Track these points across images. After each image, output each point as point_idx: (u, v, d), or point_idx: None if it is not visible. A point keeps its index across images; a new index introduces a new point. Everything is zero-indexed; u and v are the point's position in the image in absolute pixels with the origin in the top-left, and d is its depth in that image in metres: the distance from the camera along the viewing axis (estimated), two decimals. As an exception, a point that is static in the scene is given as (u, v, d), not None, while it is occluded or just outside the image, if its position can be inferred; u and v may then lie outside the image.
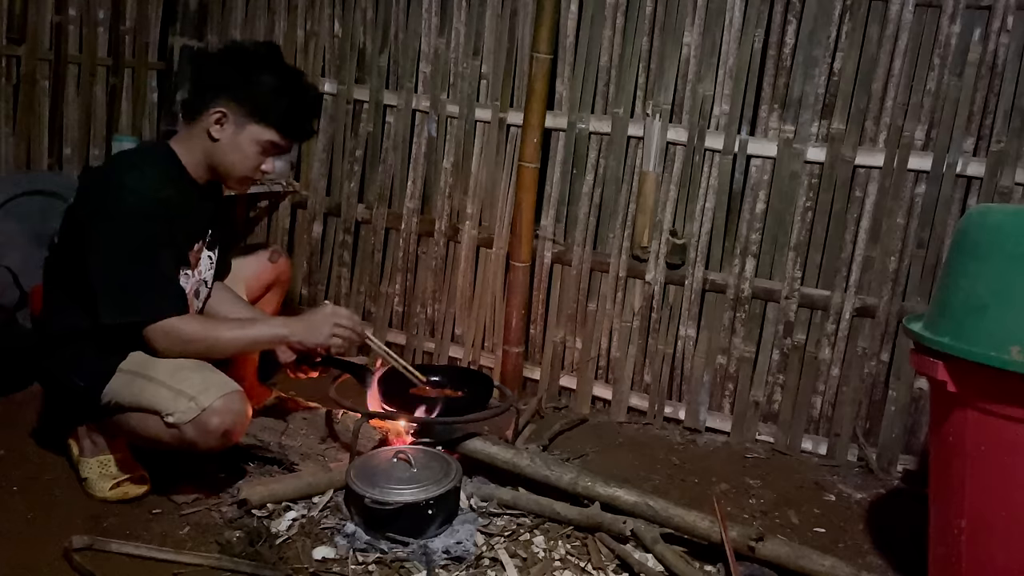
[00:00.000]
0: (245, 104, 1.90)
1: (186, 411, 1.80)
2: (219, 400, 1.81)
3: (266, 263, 2.42)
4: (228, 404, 1.83)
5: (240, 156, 1.94)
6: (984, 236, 1.62)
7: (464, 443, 2.17)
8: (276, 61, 1.98)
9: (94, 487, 1.98)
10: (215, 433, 1.81)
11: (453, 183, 2.97)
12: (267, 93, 1.91)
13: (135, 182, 1.83)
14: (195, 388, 1.82)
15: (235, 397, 1.85)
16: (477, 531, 1.93)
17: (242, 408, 1.87)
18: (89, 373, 1.91)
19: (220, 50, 2.06)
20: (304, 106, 1.99)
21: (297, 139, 2.03)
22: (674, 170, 2.68)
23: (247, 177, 2.00)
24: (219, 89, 1.91)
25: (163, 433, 1.84)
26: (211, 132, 1.91)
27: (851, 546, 2.11)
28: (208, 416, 1.80)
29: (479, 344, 3.00)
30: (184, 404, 1.80)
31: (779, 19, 2.52)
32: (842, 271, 2.56)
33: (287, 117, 1.94)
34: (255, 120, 1.91)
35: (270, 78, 1.92)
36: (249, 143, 1.93)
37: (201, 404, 1.80)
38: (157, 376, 1.85)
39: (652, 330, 2.78)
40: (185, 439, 1.82)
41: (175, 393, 1.81)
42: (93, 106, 2.97)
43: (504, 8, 2.82)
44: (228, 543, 1.80)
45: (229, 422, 1.82)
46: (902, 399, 2.52)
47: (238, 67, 1.92)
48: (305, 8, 3.12)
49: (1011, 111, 2.33)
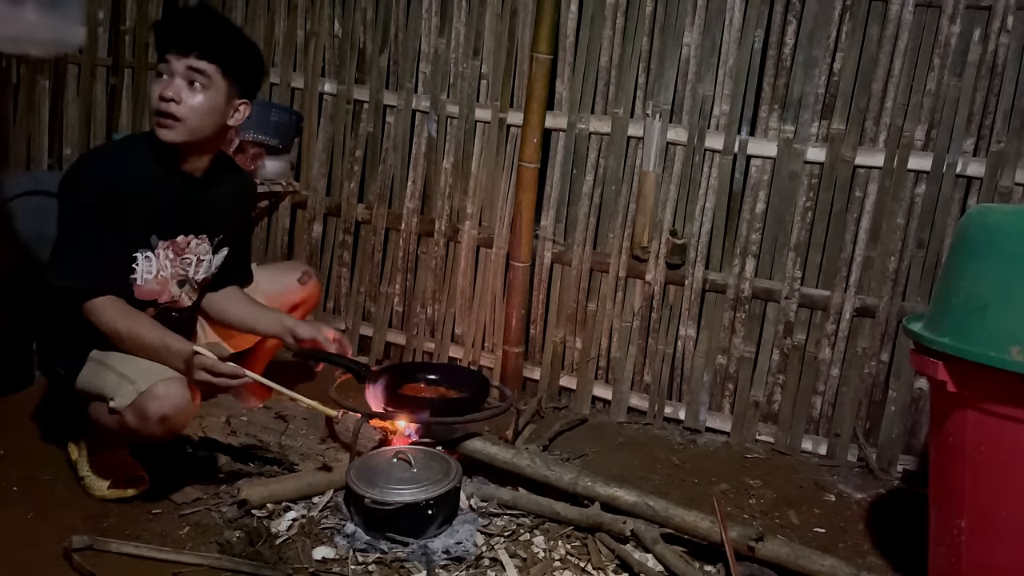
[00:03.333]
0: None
1: (125, 395, 1.78)
2: (159, 384, 1.77)
3: (294, 284, 2.39)
4: (166, 389, 1.78)
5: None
6: (984, 236, 1.62)
7: (464, 443, 2.17)
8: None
9: (92, 486, 1.98)
10: (153, 419, 1.77)
11: (453, 183, 2.97)
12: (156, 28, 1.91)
13: (98, 160, 1.89)
14: (137, 373, 1.80)
15: (176, 383, 1.80)
16: (477, 531, 1.93)
17: (180, 394, 1.80)
18: (68, 361, 1.93)
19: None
20: (171, 18, 1.95)
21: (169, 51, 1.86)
22: (674, 170, 2.68)
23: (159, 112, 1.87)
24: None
25: (108, 420, 1.83)
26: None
27: (851, 546, 2.11)
28: (145, 400, 1.76)
29: (479, 344, 3.00)
30: (125, 388, 1.78)
31: (779, 19, 2.52)
32: (842, 271, 2.56)
33: (160, 35, 1.89)
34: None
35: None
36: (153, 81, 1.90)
37: (139, 388, 1.77)
38: (110, 362, 1.85)
39: (652, 330, 2.78)
40: (127, 425, 1.80)
41: (120, 377, 1.81)
42: (93, 106, 2.96)
43: (504, 8, 2.82)
44: (228, 543, 1.80)
45: (168, 407, 1.77)
46: (902, 399, 2.52)
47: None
48: (305, 8, 3.12)
49: (1011, 111, 2.33)
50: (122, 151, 1.96)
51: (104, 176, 1.85)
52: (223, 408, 2.29)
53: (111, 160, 1.90)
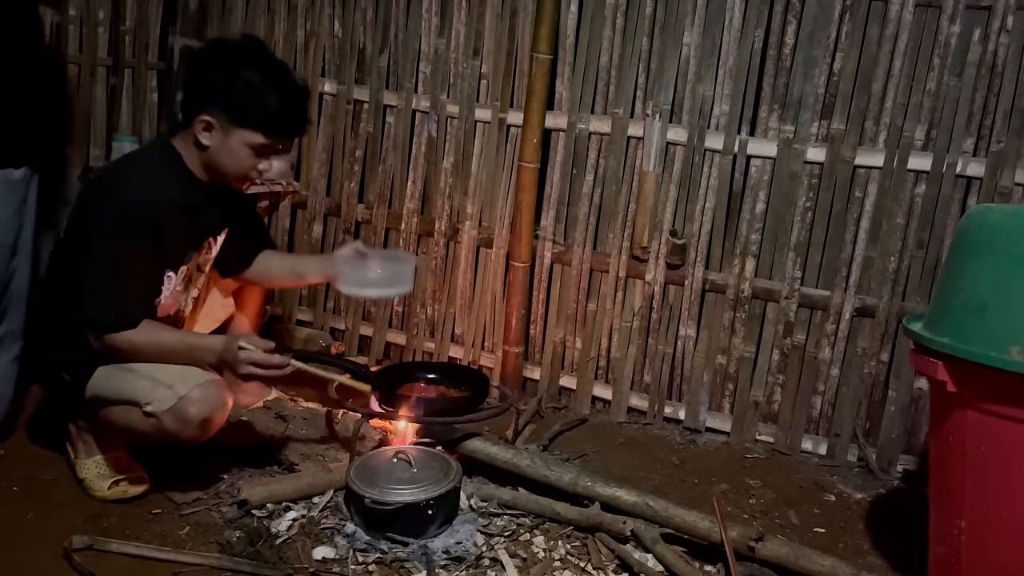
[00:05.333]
0: (228, 110, 1.85)
1: (164, 400, 1.81)
2: (197, 389, 1.82)
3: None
4: (206, 393, 1.83)
5: (232, 160, 1.90)
6: (984, 236, 1.62)
7: (464, 443, 2.17)
8: (257, 58, 1.90)
9: (92, 487, 1.98)
10: (193, 422, 1.82)
11: (453, 183, 2.97)
12: (249, 96, 1.84)
13: (130, 188, 1.86)
14: (173, 378, 1.84)
15: (213, 386, 1.86)
16: (477, 531, 1.93)
17: (220, 397, 1.86)
18: (75, 367, 1.93)
19: (202, 51, 2.02)
20: (289, 104, 1.90)
21: (285, 138, 1.95)
22: (674, 170, 2.68)
23: (245, 177, 1.97)
24: (202, 96, 1.88)
25: (143, 424, 1.85)
26: (200, 139, 1.89)
27: (851, 546, 2.12)
28: (185, 404, 1.81)
29: (479, 344, 3.00)
30: (162, 393, 1.81)
31: (779, 19, 2.52)
32: (842, 271, 2.56)
33: (271, 118, 1.87)
34: (240, 125, 1.86)
35: (251, 79, 1.84)
36: (239, 146, 1.88)
37: (178, 392, 1.81)
38: (137, 368, 1.87)
39: (652, 330, 2.78)
40: (164, 429, 1.83)
41: (153, 383, 1.83)
42: (93, 106, 2.96)
43: (504, 8, 2.82)
44: (228, 543, 1.80)
45: (207, 411, 1.83)
46: (902, 399, 2.52)
47: (219, 70, 1.87)
48: (305, 8, 3.11)
49: (1011, 111, 2.33)
50: (152, 169, 1.92)
51: (144, 208, 1.85)
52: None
53: (149, 182, 1.88)
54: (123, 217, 1.83)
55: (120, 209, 1.83)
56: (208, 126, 1.88)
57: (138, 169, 1.93)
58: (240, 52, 1.90)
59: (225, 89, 1.85)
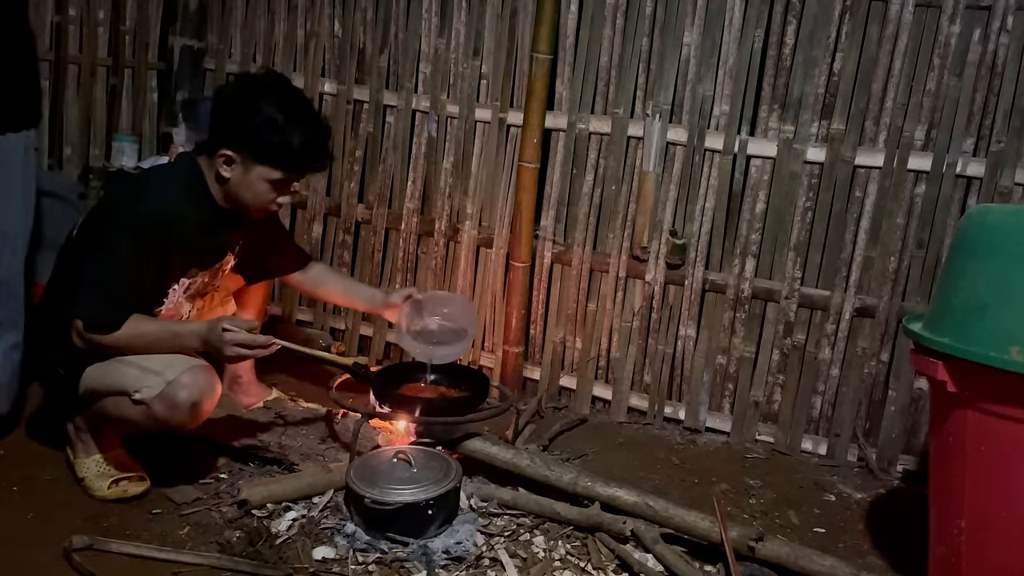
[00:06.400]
0: (248, 147, 1.91)
1: (153, 386, 1.83)
2: (185, 374, 1.85)
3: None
4: (194, 377, 1.86)
5: (252, 193, 1.97)
6: (984, 236, 1.63)
7: (464, 443, 2.17)
8: (280, 96, 1.94)
9: (92, 487, 1.98)
10: (183, 407, 1.84)
11: (453, 183, 2.97)
12: (269, 134, 1.89)
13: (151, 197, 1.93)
14: (161, 365, 1.87)
15: (202, 370, 1.89)
16: (477, 531, 1.93)
17: (209, 381, 1.89)
18: (70, 362, 1.95)
19: (228, 86, 2.10)
20: (309, 143, 1.94)
21: (304, 174, 2.05)
22: (674, 170, 2.68)
23: (263, 210, 2.04)
24: (225, 131, 1.93)
25: (133, 412, 1.87)
26: (220, 172, 1.94)
27: (851, 546, 2.12)
28: (175, 389, 1.83)
29: (479, 344, 3.00)
30: (151, 380, 1.84)
31: (779, 19, 2.52)
32: (842, 271, 2.56)
33: (291, 156, 1.93)
34: (260, 162, 1.92)
35: (272, 117, 1.89)
36: (258, 181, 1.94)
37: (167, 378, 1.83)
38: (126, 359, 1.90)
39: (652, 330, 2.78)
40: (154, 415, 1.85)
41: (142, 371, 1.86)
42: (93, 106, 2.97)
43: (504, 8, 2.82)
44: (228, 543, 1.80)
45: (196, 394, 1.85)
46: (902, 399, 2.52)
47: (242, 107, 1.92)
48: (305, 8, 3.11)
49: (1011, 111, 2.33)
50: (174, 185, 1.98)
51: (156, 222, 1.90)
52: (223, 408, 2.29)
53: (161, 203, 1.93)
54: (134, 226, 1.88)
55: (133, 218, 1.89)
56: (229, 160, 1.93)
57: (160, 184, 1.99)
58: (263, 89, 1.95)
59: (247, 126, 1.90)
